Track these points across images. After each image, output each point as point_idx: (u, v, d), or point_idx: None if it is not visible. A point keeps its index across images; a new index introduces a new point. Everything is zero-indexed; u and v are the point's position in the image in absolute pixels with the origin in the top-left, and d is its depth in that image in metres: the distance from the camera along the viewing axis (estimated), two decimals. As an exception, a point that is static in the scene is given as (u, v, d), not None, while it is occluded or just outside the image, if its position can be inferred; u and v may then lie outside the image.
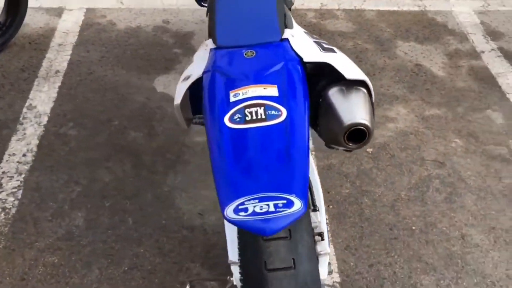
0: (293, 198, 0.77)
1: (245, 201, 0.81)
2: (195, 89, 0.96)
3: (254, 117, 0.80)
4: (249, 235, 1.07)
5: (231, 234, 1.28)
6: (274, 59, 0.92)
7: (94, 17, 2.83)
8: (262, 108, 0.81)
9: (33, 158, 2.02)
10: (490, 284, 1.69)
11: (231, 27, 1.02)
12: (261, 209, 0.79)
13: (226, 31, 1.01)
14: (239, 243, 1.07)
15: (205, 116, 0.87)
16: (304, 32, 1.09)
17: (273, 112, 0.81)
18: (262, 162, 0.79)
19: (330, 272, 1.19)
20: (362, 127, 0.89)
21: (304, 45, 0.99)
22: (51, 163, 2.01)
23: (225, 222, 1.38)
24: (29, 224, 1.78)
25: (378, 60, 2.63)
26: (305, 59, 0.94)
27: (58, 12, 2.87)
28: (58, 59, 2.53)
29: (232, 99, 0.83)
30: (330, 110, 0.90)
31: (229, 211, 0.82)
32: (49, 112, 2.23)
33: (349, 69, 0.93)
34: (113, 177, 1.96)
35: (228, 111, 0.81)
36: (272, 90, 0.84)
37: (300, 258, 0.99)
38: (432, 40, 2.80)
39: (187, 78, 0.99)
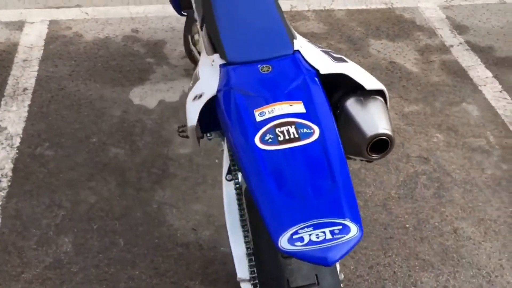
0: (347, 222, 0.73)
1: (299, 229, 0.74)
2: (204, 107, 0.91)
3: (287, 137, 0.76)
4: (266, 253, 1.04)
5: (238, 250, 1.24)
6: (292, 73, 0.89)
7: (59, 29, 2.71)
8: (293, 126, 0.77)
9: (9, 184, 1.91)
10: (486, 275, 1.73)
11: (239, 42, 0.98)
12: (317, 238, 0.73)
13: (235, 46, 0.97)
14: (256, 261, 1.04)
15: (228, 137, 0.82)
16: (307, 41, 1.07)
17: (305, 130, 0.77)
18: (306, 185, 0.74)
19: (342, 281, 1.17)
20: (384, 137, 0.88)
21: (315, 56, 0.97)
22: (30, 187, 1.90)
23: (230, 237, 1.34)
24: (13, 255, 1.68)
25: (353, 59, 2.64)
26: (322, 71, 0.92)
27: (19, 25, 2.73)
28: (24, 75, 2.40)
29: (258, 118, 0.79)
30: (350, 122, 0.88)
31: (283, 242, 0.75)
32: (21, 132, 2.11)
33: (366, 79, 0.91)
34: (98, 198, 1.88)
35: (257, 132, 0.77)
36: (298, 107, 0.81)
37: (322, 273, 0.97)
38: (403, 37, 2.84)
39: (199, 96, 0.93)
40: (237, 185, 1.36)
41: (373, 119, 0.88)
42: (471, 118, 2.35)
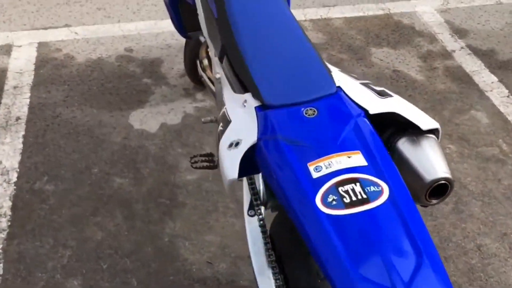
0: None
1: None
2: None
3: (354, 198, 0.67)
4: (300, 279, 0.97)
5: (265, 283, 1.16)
6: (341, 117, 0.81)
7: (49, 51, 2.59)
8: (358, 184, 0.68)
9: (9, 224, 1.79)
10: (515, 294, 1.67)
11: (274, 80, 0.89)
12: None
13: (270, 85, 0.87)
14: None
15: (280, 194, 0.73)
16: (340, 71, 0.99)
17: (372, 188, 0.68)
18: (387, 259, 0.64)
19: None
20: (445, 181, 0.80)
21: (358, 92, 0.88)
22: (31, 226, 1.79)
23: (258, 280, 1.25)
24: (19, 303, 1.57)
25: (356, 70, 2.57)
26: (371, 111, 0.84)
27: (6, 49, 2.60)
28: (16, 104, 2.28)
29: (314, 174, 0.70)
30: (405, 165, 0.80)
31: None
32: (17, 166, 2.00)
33: (419, 117, 0.84)
34: (105, 234, 1.77)
35: (316, 192, 0.68)
36: (358, 158, 0.72)
37: None
38: (404, 43, 2.78)
39: (236, 144, 0.84)
40: (262, 222, 1.28)
41: (431, 161, 0.80)
42: (481, 126, 2.29)
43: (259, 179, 1.35)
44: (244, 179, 1.41)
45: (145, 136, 2.15)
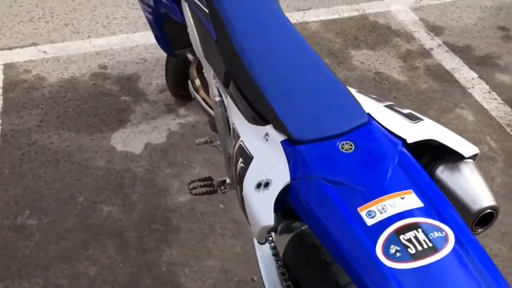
0: None
1: None
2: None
3: (420, 248, 0.60)
4: None
5: None
6: (382, 151, 0.74)
7: (17, 73, 2.44)
8: (420, 231, 0.62)
9: (-8, 265, 1.66)
10: (521, 294, 1.67)
11: (300, 113, 0.81)
12: None
13: (298, 119, 0.80)
14: None
15: (329, 243, 0.66)
16: (357, 91, 0.93)
17: (436, 234, 0.62)
18: None
19: None
20: (491, 210, 0.76)
21: (389, 119, 0.83)
22: (17, 266, 1.66)
23: None
24: None
25: (339, 74, 2.54)
26: (409, 141, 0.78)
27: (-31, 73, 2.44)
28: (-14, 132, 2.14)
29: (368, 221, 0.63)
30: (448, 196, 0.75)
31: None
32: (-5, 201, 1.86)
33: (460, 144, 0.79)
34: (98, 268, 1.67)
35: (375, 242, 0.61)
36: (412, 199, 0.66)
37: None
38: (382, 44, 2.77)
39: (266, 185, 0.76)
40: (274, 249, 1.21)
41: (474, 189, 0.76)
42: (467, 124, 2.30)
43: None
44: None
45: (130, 158, 2.05)
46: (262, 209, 0.76)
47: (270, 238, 1.24)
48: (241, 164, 0.87)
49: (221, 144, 1.33)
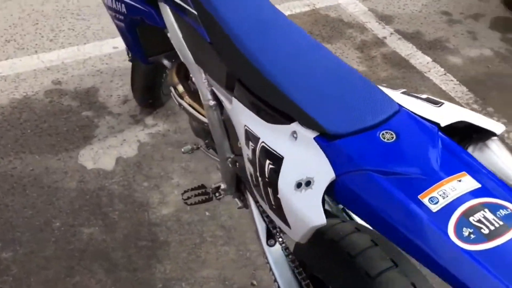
0: None
1: None
2: None
3: (493, 228, 0.60)
4: None
5: None
6: (424, 137, 0.74)
7: (-39, 98, 2.26)
8: (487, 211, 0.61)
9: (-32, 308, 1.52)
10: None
11: (328, 106, 0.78)
12: None
13: (328, 113, 0.77)
14: None
15: (394, 234, 0.64)
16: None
17: (503, 212, 0.62)
18: None
19: None
20: None
21: (415, 105, 0.83)
22: (-2, 305, 1.53)
23: None
24: None
25: (301, 69, 2.55)
26: (442, 124, 0.78)
27: None
28: None
29: (433, 207, 0.62)
30: None
31: None
32: (-40, 238, 1.70)
33: (487, 122, 0.80)
34: (89, 295, 1.57)
35: (446, 227, 0.61)
36: (468, 181, 0.65)
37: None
38: (337, 37, 2.81)
39: (307, 184, 0.73)
40: (287, 249, 1.19)
41: (507, 165, 0.77)
42: (430, 107, 2.38)
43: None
44: (253, 208, 1.31)
45: (103, 175, 1.95)
46: (309, 208, 0.73)
47: (280, 239, 1.22)
48: (270, 166, 0.83)
49: (217, 149, 1.28)
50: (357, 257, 0.96)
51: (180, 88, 1.40)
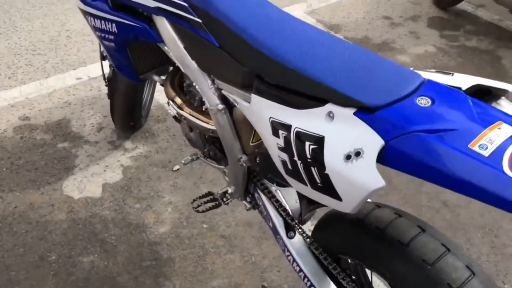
0: None
1: None
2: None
3: None
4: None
5: None
6: (455, 98, 0.82)
7: None
8: None
9: None
10: None
11: (363, 85, 0.85)
12: None
13: (365, 91, 0.84)
14: None
15: (449, 185, 0.71)
16: None
17: None
18: None
19: None
20: None
21: (434, 76, 0.92)
22: None
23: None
24: None
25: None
26: (464, 88, 0.87)
27: None
28: None
29: (484, 152, 0.69)
30: None
31: None
32: (-50, 286, 1.61)
33: (500, 84, 0.90)
34: (103, 321, 1.53)
35: (501, 166, 0.68)
36: (507, 128, 0.74)
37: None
38: (294, 47, 2.94)
39: (357, 154, 0.79)
40: (308, 239, 1.24)
41: None
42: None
43: (292, 193, 1.31)
44: (268, 204, 1.35)
45: (91, 203, 1.91)
46: (365, 175, 0.79)
47: (300, 230, 1.27)
48: (312, 147, 0.89)
49: (227, 152, 1.32)
50: (386, 229, 1.04)
51: (178, 100, 1.43)
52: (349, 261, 1.29)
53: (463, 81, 0.89)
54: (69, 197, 1.93)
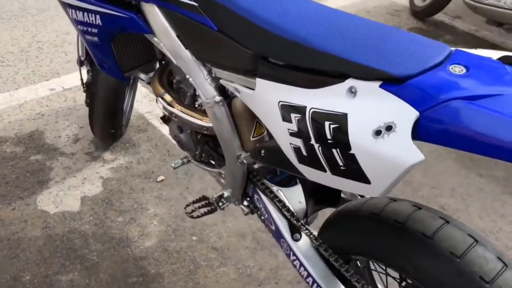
0: None
1: None
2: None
3: None
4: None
5: None
6: (487, 64, 0.75)
7: None
8: None
9: None
10: None
11: (389, 56, 0.77)
12: None
13: (392, 61, 0.75)
14: None
15: (492, 151, 0.63)
16: None
17: None
18: None
19: None
20: None
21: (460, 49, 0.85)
22: None
23: None
24: None
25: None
26: (494, 58, 0.81)
27: None
28: None
29: None
30: None
31: None
32: None
33: None
34: None
35: None
36: None
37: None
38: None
39: (388, 128, 0.70)
40: (315, 240, 1.14)
41: None
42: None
43: (295, 193, 1.21)
44: (270, 206, 1.25)
45: (69, 217, 1.76)
46: (400, 150, 0.71)
47: (307, 231, 1.17)
48: (332, 126, 0.80)
49: (224, 150, 1.21)
50: (407, 221, 0.95)
51: (168, 97, 1.33)
52: (358, 264, 1.20)
53: (490, 54, 0.82)
54: (44, 212, 1.77)
